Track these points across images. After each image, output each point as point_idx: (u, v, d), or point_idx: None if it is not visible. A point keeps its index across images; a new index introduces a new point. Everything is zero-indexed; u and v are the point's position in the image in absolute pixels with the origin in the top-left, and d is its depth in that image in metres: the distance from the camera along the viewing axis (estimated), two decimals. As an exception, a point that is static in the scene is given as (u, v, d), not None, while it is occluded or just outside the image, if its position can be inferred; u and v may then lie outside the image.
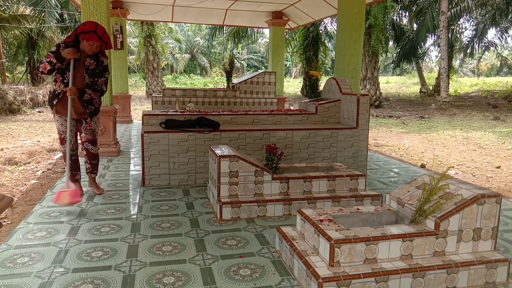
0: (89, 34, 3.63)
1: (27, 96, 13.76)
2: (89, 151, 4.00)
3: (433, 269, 2.30)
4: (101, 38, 3.69)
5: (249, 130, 4.72)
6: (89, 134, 3.94)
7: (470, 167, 6.29)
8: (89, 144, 3.97)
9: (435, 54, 39.65)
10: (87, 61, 3.76)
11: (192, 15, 10.23)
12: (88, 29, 3.64)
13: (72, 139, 3.86)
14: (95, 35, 3.65)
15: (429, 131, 10.37)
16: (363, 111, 4.90)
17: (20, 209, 3.99)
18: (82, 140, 3.97)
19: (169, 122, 4.63)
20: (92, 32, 3.64)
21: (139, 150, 6.29)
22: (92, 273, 2.51)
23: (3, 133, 9.00)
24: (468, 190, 2.49)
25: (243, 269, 2.60)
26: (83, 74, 3.75)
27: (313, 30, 18.69)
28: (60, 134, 3.88)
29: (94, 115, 3.91)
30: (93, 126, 3.95)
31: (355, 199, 3.67)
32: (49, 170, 5.63)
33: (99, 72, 3.82)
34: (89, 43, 3.65)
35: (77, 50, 3.67)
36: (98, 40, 3.67)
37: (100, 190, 4.17)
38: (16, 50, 19.28)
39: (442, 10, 16.19)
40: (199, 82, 30.13)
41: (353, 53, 6.23)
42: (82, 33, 3.64)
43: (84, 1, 5.55)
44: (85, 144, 3.97)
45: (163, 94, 7.72)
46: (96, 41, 3.66)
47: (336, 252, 2.23)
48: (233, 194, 3.51)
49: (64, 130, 3.82)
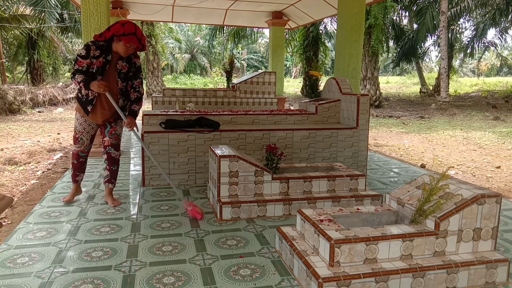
0: (130, 36, 3.40)
1: (27, 96, 13.76)
2: (111, 156, 3.78)
3: (433, 269, 2.30)
4: (140, 41, 3.47)
5: (249, 130, 4.72)
6: (113, 138, 3.75)
7: (470, 167, 6.29)
8: (112, 148, 3.76)
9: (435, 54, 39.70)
10: (119, 64, 3.54)
11: (192, 15, 10.23)
12: (128, 31, 3.39)
13: (87, 141, 3.73)
14: (136, 37, 3.43)
15: (429, 131, 10.37)
16: (363, 111, 4.90)
17: (20, 209, 3.99)
18: (105, 144, 3.76)
19: (169, 122, 4.63)
20: (132, 34, 3.41)
21: (139, 150, 6.29)
22: (92, 273, 2.51)
23: (3, 133, 9.00)
24: (468, 190, 2.49)
25: (243, 269, 2.60)
26: (115, 78, 3.54)
27: (313, 30, 18.70)
28: (77, 133, 3.71)
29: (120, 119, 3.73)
30: (118, 130, 3.77)
31: (355, 199, 3.67)
32: (49, 170, 5.63)
33: (134, 74, 3.63)
34: (127, 45, 3.43)
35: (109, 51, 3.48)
36: (137, 42, 3.45)
37: (115, 203, 3.83)
38: (16, 50, 19.29)
39: (442, 10, 16.19)
40: (199, 82, 30.14)
41: (353, 53, 6.23)
42: (121, 36, 3.38)
43: (84, 1, 5.55)
44: (107, 149, 3.75)
45: (163, 94, 7.72)
46: (135, 44, 3.45)
47: (336, 252, 2.23)
48: (233, 194, 3.51)
49: (81, 130, 3.68)
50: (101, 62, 3.44)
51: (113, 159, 3.82)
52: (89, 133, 3.72)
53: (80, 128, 3.69)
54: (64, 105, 15.14)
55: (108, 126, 3.72)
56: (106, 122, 3.69)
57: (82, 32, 5.73)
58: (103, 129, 3.74)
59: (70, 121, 11.38)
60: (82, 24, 5.74)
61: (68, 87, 16.48)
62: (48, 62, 19.75)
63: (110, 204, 3.81)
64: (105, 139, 3.76)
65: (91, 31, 5.62)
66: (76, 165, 3.81)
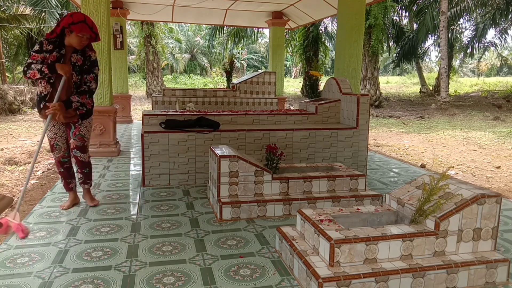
0: (80, 24, 3.29)
1: (27, 96, 13.76)
2: (78, 159, 3.61)
3: (433, 269, 2.30)
4: (92, 29, 3.36)
5: (249, 130, 4.72)
6: (78, 140, 3.55)
7: (470, 167, 6.29)
8: (77, 151, 3.57)
9: (435, 54, 39.68)
10: (74, 57, 3.42)
11: (192, 15, 10.23)
12: (77, 20, 3.29)
13: (63, 145, 3.59)
14: (86, 25, 3.32)
15: (429, 131, 10.37)
16: (363, 111, 4.90)
17: (20, 209, 3.99)
18: (71, 147, 3.60)
19: (169, 122, 4.63)
20: (82, 22, 3.30)
21: (139, 150, 6.29)
22: (92, 273, 2.51)
23: (3, 133, 9.00)
24: (468, 190, 2.49)
25: (243, 269, 2.60)
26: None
27: (313, 30, 18.70)
28: (50, 140, 3.57)
29: (85, 118, 3.55)
30: (83, 131, 3.56)
31: (355, 199, 3.67)
32: (49, 170, 5.63)
33: (88, 68, 3.48)
34: (79, 35, 3.31)
35: (62, 46, 3.38)
36: (89, 31, 3.34)
37: (94, 202, 3.78)
38: (16, 50, 19.29)
39: (442, 10, 16.19)
40: (199, 82, 30.14)
41: (353, 53, 6.23)
42: (71, 25, 3.28)
43: (84, 1, 5.55)
44: (73, 151, 3.59)
45: (163, 94, 7.73)
46: (87, 32, 3.33)
47: (336, 252, 2.23)
48: (233, 194, 3.51)
49: (53, 136, 3.54)
50: (54, 56, 3.34)
51: (82, 163, 3.63)
52: (62, 136, 3.58)
53: (51, 134, 3.55)
54: (64, 105, 15.11)
55: (73, 126, 3.55)
56: (70, 122, 3.52)
57: (82, 32, 5.73)
58: (68, 130, 3.58)
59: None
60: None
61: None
62: (48, 62, 19.72)
63: (88, 203, 3.76)
64: (70, 141, 3.58)
65: (91, 31, 5.62)
66: (63, 173, 3.67)
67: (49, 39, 3.39)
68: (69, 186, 3.75)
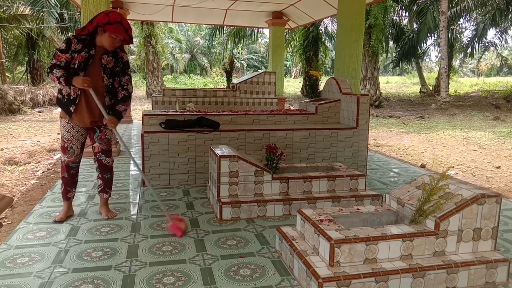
0: (115, 25, 3.07)
1: (27, 96, 13.76)
2: (102, 163, 3.43)
3: (433, 269, 2.30)
4: (127, 31, 3.15)
5: (249, 130, 4.72)
6: (104, 144, 3.40)
7: (470, 167, 6.29)
8: (102, 155, 3.41)
9: (435, 54, 39.68)
10: (104, 58, 3.21)
11: (192, 15, 10.23)
12: (113, 20, 3.07)
13: (77, 149, 3.35)
14: (122, 27, 3.10)
15: (429, 131, 10.37)
16: (363, 111, 4.90)
17: (20, 209, 3.99)
18: (94, 151, 3.42)
19: (169, 122, 4.63)
20: (118, 23, 3.08)
21: (139, 150, 6.29)
22: (92, 273, 2.51)
23: (3, 133, 9.00)
24: (468, 190, 2.49)
25: (243, 269, 2.60)
26: (100, 74, 3.21)
27: (313, 30, 18.70)
28: (65, 142, 3.32)
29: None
30: (109, 134, 3.42)
31: (355, 199, 3.67)
32: (49, 170, 5.63)
33: (121, 70, 3.30)
34: (112, 36, 3.10)
35: (92, 45, 3.16)
36: (124, 33, 3.12)
37: (110, 214, 3.52)
38: (16, 50, 19.28)
39: (442, 10, 16.19)
40: (199, 82, 30.14)
41: (353, 53, 6.23)
42: (107, 24, 3.06)
43: (84, 1, 5.55)
44: (98, 155, 3.41)
45: (163, 94, 7.72)
46: (122, 34, 3.12)
47: (336, 252, 2.23)
48: (233, 194, 3.51)
49: (70, 138, 3.30)
50: (83, 56, 3.12)
51: (105, 167, 3.47)
52: (79, 140, 3.35)
53: (68, 136, 3.30)
54: (64, 105, 15.11)
55: (97, 130, 3.36)
56: (95, 125, 3.34)
57: (82, 32, 5.73)
58: (92, 134, 3.38)
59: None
60: (82, 24, 5.74)
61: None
62: (48, 62, 19.73)
63: (103, 216, 3.50)
64: (94, 145, 3.40)
65: (91, 31, 5.62)
66: (67, 179, 3.41)
67: (79, 36, 3.14)
68: (67, 195, 3.47)
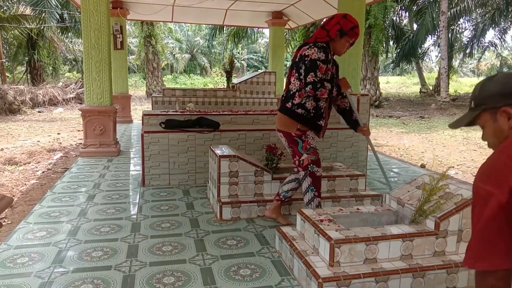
0: (357, 29, 2.85)
1: (27, 96, 13.75)
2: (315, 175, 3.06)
3: (433, 269, 2.30)
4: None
5: (249, 130, 4.72)
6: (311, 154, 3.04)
7: (470, 167, 6.29)
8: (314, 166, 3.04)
9: (435, 54, 39.59)
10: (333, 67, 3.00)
11: (192, 15, 10.22)
12: (356, 23, 2.85)
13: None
14: (359, 29, 2.92)
15: (429, 131, 10.37)
16: (363, 111, 4.90)
17: (20, 209, 3.99)
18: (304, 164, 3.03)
19: (169, 122, 4.63)
20: (358, 27, 2.88)
21: (139, 150, 6.28)
22: (92, 273, 2.51)
23: (3, 133, 9.00)
24: (468, 190, 2.49)
25: (243, 269, 2.59)
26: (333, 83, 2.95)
27: (313, 30, 18.69)
28: (317, 153, 3.01)
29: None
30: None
31: (355, 199, 3.67)
32: (49, 170, 5.63)
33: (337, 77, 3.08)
34: (350, 41, 2.89)
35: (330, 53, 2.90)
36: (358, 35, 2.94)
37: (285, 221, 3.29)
38: (16, 50, 19.28)
39: (442, 10, 16.20)
40: (199, 82, 30.15)
41: (353, 53, 6.22)
42: (350, 30, 2.82)
43: (84, 1, 5.55)
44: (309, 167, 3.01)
45: (163, 94, 7.72)
46: (357, 38, 2.93)
47: (336, 252, 2.23)
48: (233, 194, 3.51)
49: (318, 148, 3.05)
50: (332, 69, 2.88)
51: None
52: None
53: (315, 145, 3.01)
54: (64, 105, 15.13)
55: (300, 141, 3.02)
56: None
57: (82, 32, 5.73)
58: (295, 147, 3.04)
59: (70, 121, 11.38)
60: (82, 24, 5.74)
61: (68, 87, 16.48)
62: (48, 62, 19.74)
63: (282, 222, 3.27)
64: (302, 158, 3.00)
65: (91, 31, 5.63)
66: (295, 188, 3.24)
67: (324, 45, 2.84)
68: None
